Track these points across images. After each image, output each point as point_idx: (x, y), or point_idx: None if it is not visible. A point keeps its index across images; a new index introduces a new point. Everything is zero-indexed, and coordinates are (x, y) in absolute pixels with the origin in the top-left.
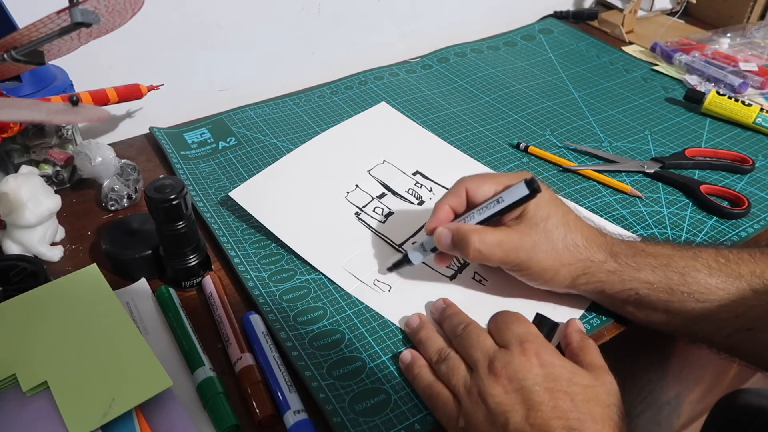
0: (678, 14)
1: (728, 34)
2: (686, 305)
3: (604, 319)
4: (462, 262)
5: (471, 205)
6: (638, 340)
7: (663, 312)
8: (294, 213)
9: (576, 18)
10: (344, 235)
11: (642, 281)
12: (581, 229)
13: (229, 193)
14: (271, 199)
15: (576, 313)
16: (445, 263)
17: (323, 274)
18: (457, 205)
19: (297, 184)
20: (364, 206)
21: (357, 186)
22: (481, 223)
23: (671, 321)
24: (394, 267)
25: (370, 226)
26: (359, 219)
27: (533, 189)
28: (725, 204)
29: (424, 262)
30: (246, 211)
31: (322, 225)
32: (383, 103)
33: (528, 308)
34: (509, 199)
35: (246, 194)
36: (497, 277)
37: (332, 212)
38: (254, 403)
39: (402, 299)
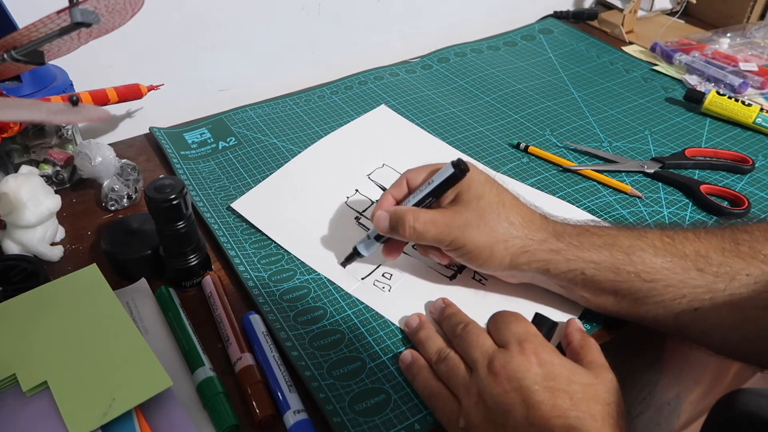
0: (678, 14)
1: (728, 34)
2: (633, 285)
3: (604, 319)
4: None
5: (410, 193)
6: (638, 340)
7: (611, 293)
8: (295, 220)
9: (576, 18)
10: (345, 240)
11: (586, 260)
12: (517, 208)
13: (231, 204)
14: (272, 207)
15: (575, 313)
16: (392, 257)
17: (323, 275)
18: (398, 194)
19: (297, 191)
20: (363, 211)
21: (357, 191)
22: (416, 205)
23: (620, 303)
24: (347, 261)
25: (370, 230)
26: (359, 223)
27: (460, 169)
28: (725, 204)
29: (423, 262)
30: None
31: (323, 230)
32: (383, 105)
33: (527, 308)
34: (438, 179)
35: (247, 204)
36: (497, 277)
37: (333, 218)
38: (254, 403)
39: (402, 299)
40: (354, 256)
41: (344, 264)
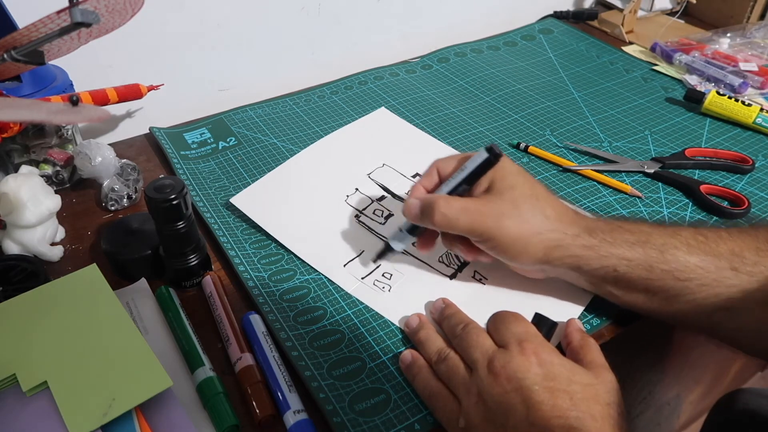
0: (678, 14)
1: (728, 34)
2: (666, 283)
3: (604, 318)
4: (461, 261)
5: (442, 182)
6: (638, 340)
7: (643, 291)
8: (294, 217)
9: (576, 18)
10: (345, 238)
11: (620, 257)
12: (551, 201)
13: (231, 200)
14: (271, 203)
15: (575, 313)
16: (427, 249)
17: (323, 275)
18: (429, 184)
19: (297, 189)
20: (364, 209)
21: (357, 189)
22: (449, 193)
23: (651, 300)
24: (379, 257)
25: (370, 228)
26: (359, 221)
27: (494, 154)
28: (725, 204)
29: (423, 261)
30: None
31: (323, 228)
32: (383, 108)
33: (527, 308)
34: (471, 165)
35: (247, 200)
36: (497, 276)
37: (333, 215)
38: (254, 403)
39: (402, 299)
40: (386, 251)
41: (375, 260)
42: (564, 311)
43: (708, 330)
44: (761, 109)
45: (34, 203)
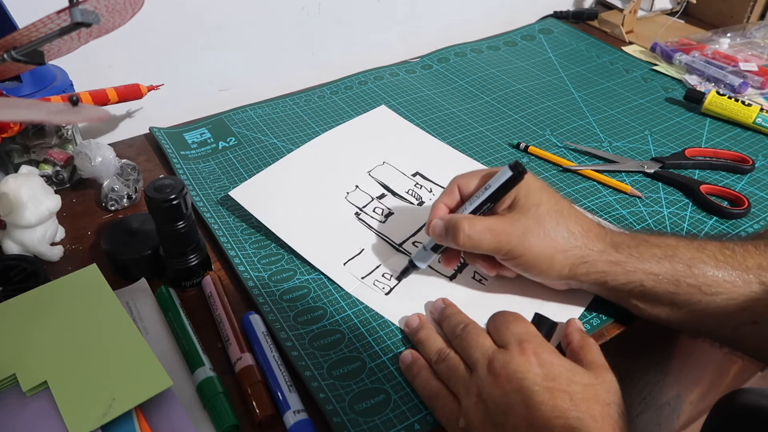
0: (678, 14)
1: (728, 34)
2: (692, 298)
3: (604, 318)
4: (461, 261)
5: (464, 200)
6: (638, 340)
7: (668, 305)
8: (294, 212)
9: (576, 18)
10: (344, 235)
11: (647, 272)
12: (575, 217)
13: (229, 193)
14: (271, 198)
15: (575, 313)
16: (451, 265)
17: (323, 274)
18: (451, 202)
19: (297, 184)
20: (364, 206)
21: (357, 186)
22: (473, 212)
23: (676, 314)
24: (403, 275)
25: (370, 226)
26: (359, 219)
27: (518, 171)
28: (725, 204)
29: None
30: (246, 211)
31: (323, 224)
32: (383, 106)
33: (527, 308)
34: (495, 183)
35: (246, 193)
36: (497, 277)
37: (332, 212)
38: (254, 403)
39: (402, 299)
40: (409, 269)
41: (399, 278)
42: (564, 311)
43: (733, 343)
44: (761, 109)
45: (34, 203)
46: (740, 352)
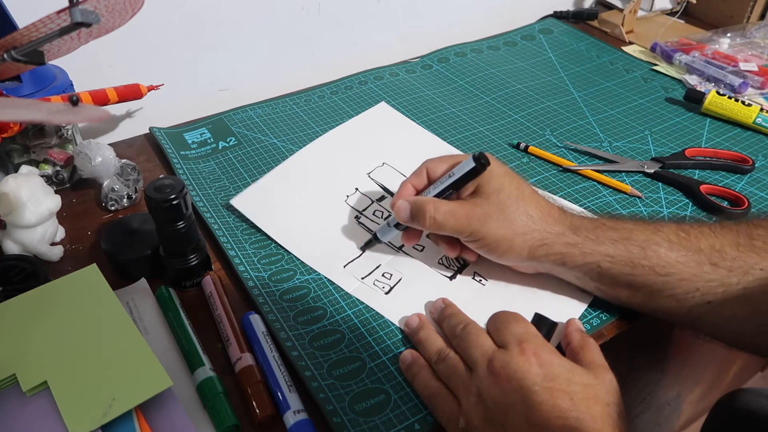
0: (678, 14)
1: (728, 34)
2: (648, 279)
3: (604, 318)
4: (461, 262)
5: (431, 183)
6: (638, 340)
7: (626, 286)
8: (294, 218)
9: (576, 18)
10: (345, 239)
11: (602, 254)
12: (536, 202)
13: (230, 201)
14: (271, 204)
15: (576, 313)
16: (412, 242)
17: (324, 275)
18: (418, 183)
19: (297, 189)
20: (364, 209)
21: (357, 189)
22: (437, 196)
23: (635, 295)
24: (366, 246)
25: (370, 230)
26: (359, 222)
27: (481, 163)
28: (725, 204)
29: (423, 262)
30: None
31: (323, 229)
32: (383, 103)
33: (527, 308)
34: (459, 172)
35: (246, 201)
36: (497, 277)
37: (333, 216)
38: (254, 403)
39: (402, 299)
40: (372, 241)
41: (363, 249)
42: (564, 311)
43: (689, 324)
44: (761, 109)
45: (34, 203)
46: (701, 333)
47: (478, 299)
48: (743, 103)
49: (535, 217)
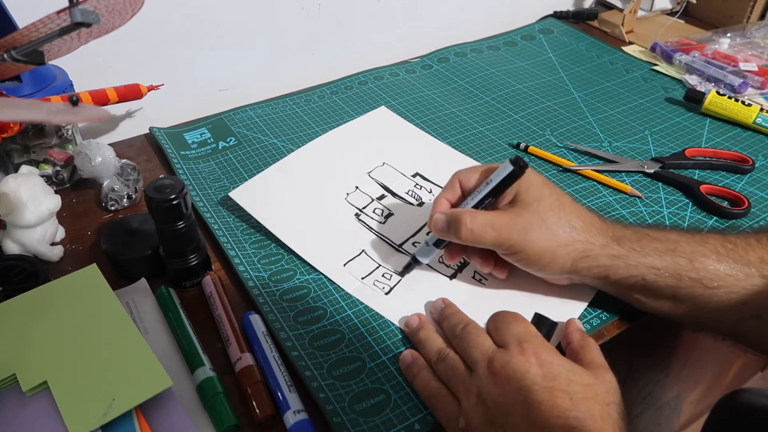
0: (678, 14)
1: (728, 34)
2: (694, 291)
3: (604, 318)
4: (462, 260)
5: (465, 195)
6: (638, 340)
7: (670, 299)
8: (294, 214)
9: (576, 18)
10: (344, 236)
11: (648, 266)
12: (577, 211)
13: (229, 194)
14: (271, 199)
15: (575, 313)
16: (455, 260)
17: (323, 275)
18: (452, 197)
19: (297, 185)
20: (363, 207)
21: (357, 188)
22: (475, 206)
23: (678, 308)
24: (405, 270)
25: (370, 227)
26: (359, 220)
27: (519, 166)
28: (725, 204)
29: (427, 264)
30: (246, 211)
31: (322, 226)
32: (382, 107)
33: (527, 308)
34: (497, 178)
35: (246, 194)
36: (497, 276)
37: (332, 213)
38: (254, 403)
39: (402, 299)
40: (412, 265)
41: (402, 274)
42: (564, 311)
43: (736, 337)
44: (761, 109)
45: (34, 203)
46: (743, 346)
47: (478, 299)
48: (743, 103)
49: (577, 227)
